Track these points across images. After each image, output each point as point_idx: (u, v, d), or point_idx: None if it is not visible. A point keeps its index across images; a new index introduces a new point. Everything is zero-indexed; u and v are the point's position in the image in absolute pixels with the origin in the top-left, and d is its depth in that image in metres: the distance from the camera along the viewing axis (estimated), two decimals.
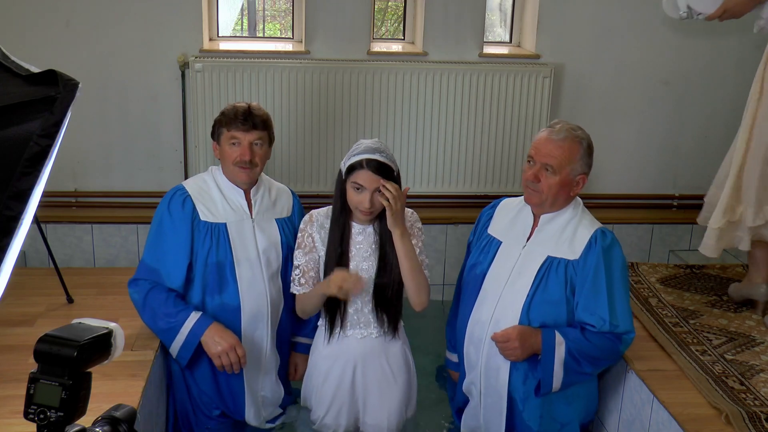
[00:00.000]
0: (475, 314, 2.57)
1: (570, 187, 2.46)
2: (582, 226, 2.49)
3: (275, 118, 4.03)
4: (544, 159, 2.41)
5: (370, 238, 2.52)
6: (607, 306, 2.42)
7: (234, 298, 2.69)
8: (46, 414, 1.23)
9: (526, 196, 2.51)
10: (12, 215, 1.49)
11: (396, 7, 4.77)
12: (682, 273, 3.68)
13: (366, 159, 2.39)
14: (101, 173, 4.08)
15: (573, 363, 2.43)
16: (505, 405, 2.55)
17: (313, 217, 2.60)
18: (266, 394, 2.83)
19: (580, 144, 2.44)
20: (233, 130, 2.62)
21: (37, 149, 1.53)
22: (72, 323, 1.31)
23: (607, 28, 4.17)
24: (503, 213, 2.66)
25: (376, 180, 2.39)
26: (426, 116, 4.10)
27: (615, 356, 2.54)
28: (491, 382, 2.56)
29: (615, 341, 2.47)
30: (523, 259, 2.51)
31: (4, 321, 2.86)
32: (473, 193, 4.22)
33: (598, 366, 2.55)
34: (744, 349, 2.92)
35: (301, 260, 2.58)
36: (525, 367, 2.51)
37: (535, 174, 2.43)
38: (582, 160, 2.45)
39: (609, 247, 2.47)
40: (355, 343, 2.57)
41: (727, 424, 2.39)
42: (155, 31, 3.91)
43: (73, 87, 1.64)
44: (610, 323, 2.42)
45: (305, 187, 4.13)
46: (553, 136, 2.42)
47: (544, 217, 2.52)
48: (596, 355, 2.48)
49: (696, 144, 4.39)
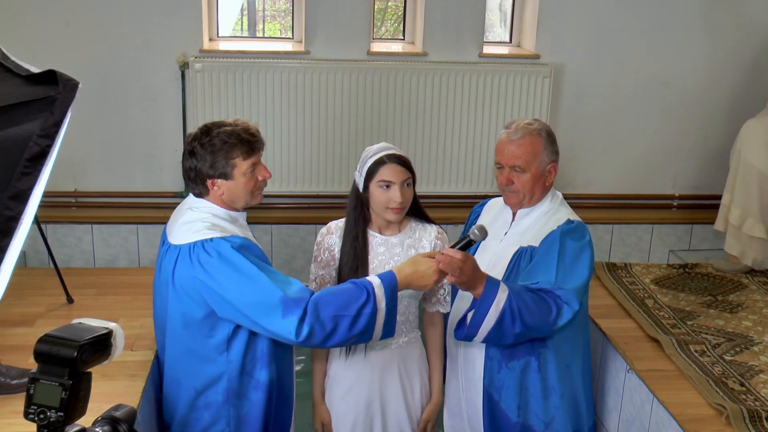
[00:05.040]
0: (454, 309, 2.58)
1: (543, 178, 2.49)
2: (555, 219, 2.50)
3: (275, 118, 4.06)
4: (510, 161, 2.44)
5: (393, 250, 2.47)
6: (554, 272, 2.33)
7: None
8: (46, 414, 1.23)
9: (505, 199, 2.55)
10: (12, 215, 1.49)
11: (396, 7, 4.77)
12: (675, 273, 3.69)
13: (388, 154, 2.38)
14: (101, 173, 4.08)
15: (508, 316, 2.27)
16: (482, 397, 2.54)
17: (331, 228, 2.52)
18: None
19: (540, 136, 2.46)
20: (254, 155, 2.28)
21: (37, 149, 1.53)
22: (72, 323, 1.31)
23: (607, 28, 4.17)
24: (489, 211, 2.70)
25: (403, 172, 2.37)
26: (426, 116, 4.10)
27: (547, 326, 2.33)
28: (469, 374, 2.57)
29: (552, 306, 2.31)
30: (498, 253, 2.54)
31: (4, 321, 2.85)
32: (473, 193, 4.22)
33: (528, 329, 2.33)
34: (742, 349, 2.92)
35: (317, 273, 2.52)
36: (498, 356, 2.49)
37: (507, 177, 2.46)
38: (546, 150, 2.47)
39: (569, 231, 2.42)
40: (374, 355, 2.51)
41: (727, 424, 2.39)
42: (155, 31, 3.91)
43: (73, 87, 1.64)
44: (554, 284, 2.32)
45: (305, 188, 4.13)
46: (512, 137, 2.44)
47: (521, 212, 2.55)
48: (531, 315, 2.30)
49: (696, 144, 4.39)
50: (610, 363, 2.89)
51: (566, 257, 2.39)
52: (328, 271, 2.50)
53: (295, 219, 4.13)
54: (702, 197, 4.40)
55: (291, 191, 4.09)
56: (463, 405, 2.64)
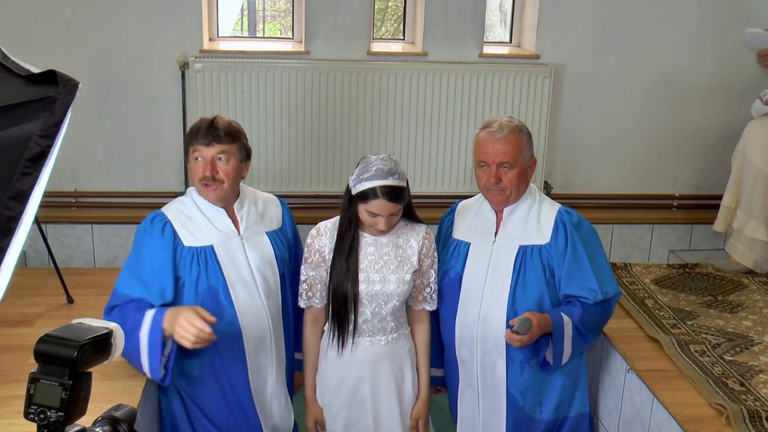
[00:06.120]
0: (460, 317, 2.58)
1: (526, 174, 2.54)
2: (543, 210, 2.57)
3: (275, 118, 4.07)
4: (498, 158, 2.47)
5: (382, 250, 2.49)
6: (594, 277, 2.50)
7: (233, 323, 2.47)
8: (46, 414, 1.23)
9: (491, 197, 2.56)
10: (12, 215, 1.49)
11: (396, 7, 4.77)
12: (675, 273, 3.69)
13: (380, 187, 2.34)
14: (101, 173, 4.08)
15: (579, 337, 2.51)
16: (505, 402, 2.56)
17: (321, 230, 2.53)
18: (276, 422, 2.66)
19: (522, 132, 2.52)
20: (195, 144, 2.42)
21: (38, 149, 1.53)
22: (72, 323, 1.31)
23: (607, 28, 4.17)
24: (463, 215, 2.71)
25: (392, 207, 2.37)
26: (426, 116, 4.10)
27: (607, 318, 2.64)
28: (488, 380, 2.57)
29: (606, 306, 2.57)
30: (495, 255, 2.55)
31: (4, 321, 2.85)
32: (473, 193, 4.21)
33: (597, 333, 2.67)
34: (742, 349, 2.92)
35: (308, 274, 2.54)
36: (520, 358, 2.53)
37: (495, 175, 2.48)
38: (528, 145, 2.53)
39: (578, 223, 2.56)
40: (363, 350, 2.53)
41: (727, 424, 2.39)
42: (155, 31, 3.91)
43: (73, 87, 1.64)
44: (601, 292, 2.51)
45: (305, 188, 4.13)
46: (497, 135, 2.47)
47: (506, 209, 2.58)
48: (595, 324, 2.58)
49: (696, 144, 4.39)
50: (610, 363, 2.89)
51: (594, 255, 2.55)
52: (318, 272, 2.52)
53: (295, 219, 4.12)
54: (702, 197, 4.40)
55: (290, 191, 4.09)
56: (479, 414, 2.63)
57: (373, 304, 2.47)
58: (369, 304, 2.47)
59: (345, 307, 2.46)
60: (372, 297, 2.46)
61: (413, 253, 2.50)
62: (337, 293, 2.46)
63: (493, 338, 2.53)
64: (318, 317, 2.60)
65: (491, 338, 2.53)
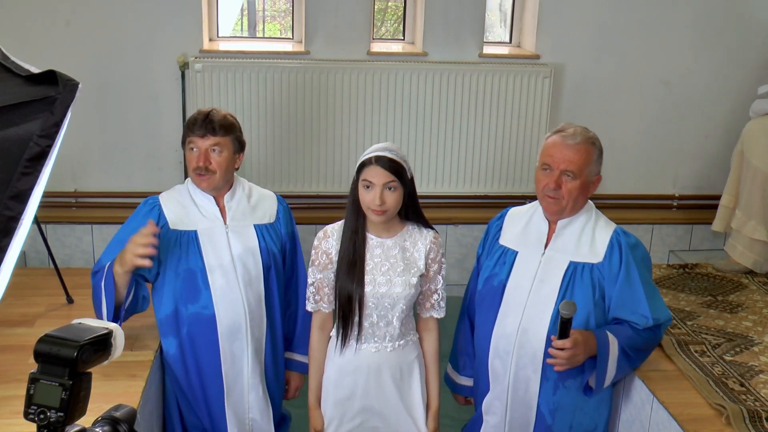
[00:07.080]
0: (498, 327, 2.49)
1: (588, 189, 2.45)
2: (599, 228, 2.47)
3: (275, 119, 4.07)
4: (563, 165, 2.38)
5: (389, 252, 2.46)
6: (647, 303, 2.42)
7: (208, 306, 2.57)
8: (46, 414, 1.23)
9: (545, 205, 2.46)
10: (12, 215, 1.49)
11: (396, 7, 4.77)
12: (675, 273, 3.69)
13: (376, 156, 2.36)
14: (101, 173, 4.08)
15: (624, 359, 2.43)
16: (534, 418, 2.48)
17: (328, 232, 2.52)
18: (255, 416, 2.67)
19: (594, 145, 2.44)
20: (191, 135, 2.55)
21: (37, 149, 1.54)
22: (72, 323, 1.31)
23: (607, 28, 4.17)
24: (513, 222, 2.60)
25: (386, 176, 2.35)
26: (426, 116, 4.10)
27: (656, 344, 2.60)
28: (519, 395, 2.49)
29: (657, 332, 2.50)
30: (544, 267, 2.45)
31: (4, 321, 2.85)
32: (473, 193, 4.23)
33: (645, 357, 2.59)
34: (742, 349, 2.92)
35: (315, 277, 2.52)
36: (555, 377, 2.44)
37: (556, 181, 2.39)
38: (597, 161, 2.45)
39: (635, 245, 2.47)
40: (369, 356, 2.49)
41: (727, 424, 2.39)
42: (155, 31, 3.91)
43: (73, 87, 1.65)
44: (653, 318, 2.43)
45: (304, 188, 4.13)
46: (568, 141, 2.39)
47: (561, 222, 2.47)
48: (643, 348, 2.51)
49: (696, 144, 4.39)
50: None
51: (646, 279, 2.45)
52: (326, 274, 2.50)
53: (295, 219, 4.12)
54: (702, 197, 4.40)
55: (290, 191, 4.09)
56: (506, 427, 2.55)
57: (379, 308, 2.44)
58: (375, 308, 2.44)
59: (350, 308, 2.44)
60: (378, 299, 2.43)
61: (420, 256, 2.47)
62: (342, 294, 2.44)
63: (531, 353, 2.44)
64: (325, 322, 2.57)
65: (529, 352, 2.44)
